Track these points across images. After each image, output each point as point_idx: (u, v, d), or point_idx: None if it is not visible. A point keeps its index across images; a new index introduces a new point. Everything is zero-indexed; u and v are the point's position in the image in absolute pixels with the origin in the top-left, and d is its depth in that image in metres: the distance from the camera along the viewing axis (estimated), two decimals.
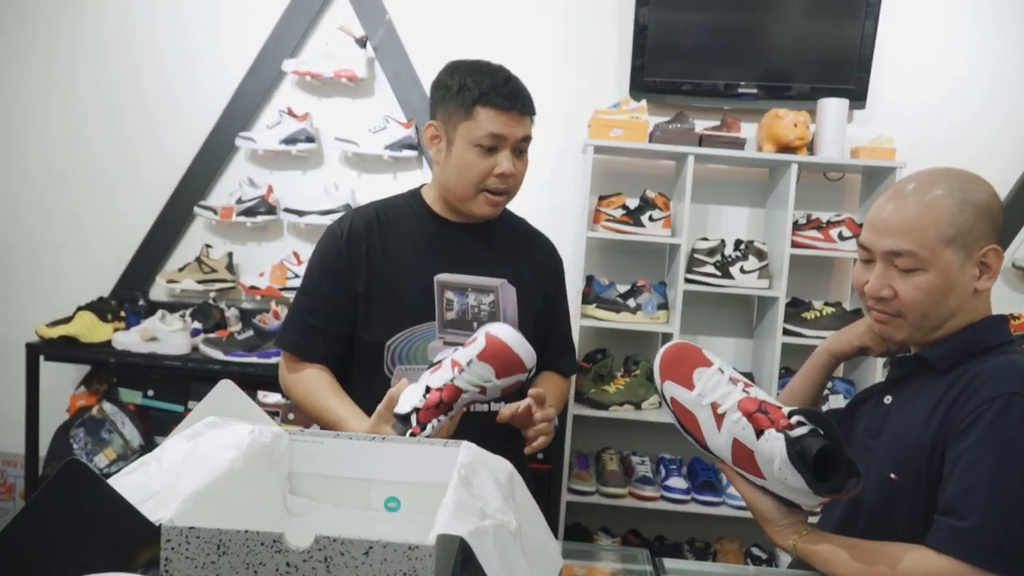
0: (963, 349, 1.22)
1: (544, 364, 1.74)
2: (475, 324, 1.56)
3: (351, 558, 0.78)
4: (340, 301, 1.60)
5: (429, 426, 1.29)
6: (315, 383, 1.59)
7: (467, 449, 1.05)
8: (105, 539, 0.81)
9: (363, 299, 1.60)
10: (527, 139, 1.59)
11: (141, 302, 3.05)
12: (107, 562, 0.79)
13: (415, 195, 1.67)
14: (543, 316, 1.71)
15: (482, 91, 1.52)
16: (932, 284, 1.20)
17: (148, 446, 2.79)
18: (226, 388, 1.18)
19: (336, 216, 2.98)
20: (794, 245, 2.85)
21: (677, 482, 2.84)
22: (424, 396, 1.30)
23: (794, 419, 1.12)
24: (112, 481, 0.98)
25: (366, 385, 1.60)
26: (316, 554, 0.78)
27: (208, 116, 3.16)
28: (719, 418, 1.19)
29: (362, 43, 3.04)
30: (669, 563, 1.16)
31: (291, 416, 2.78)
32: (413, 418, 1.29)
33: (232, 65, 3.14)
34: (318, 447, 1.12)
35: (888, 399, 1.31)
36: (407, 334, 1.58)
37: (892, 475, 1.21)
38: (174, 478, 0.97)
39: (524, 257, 1.70)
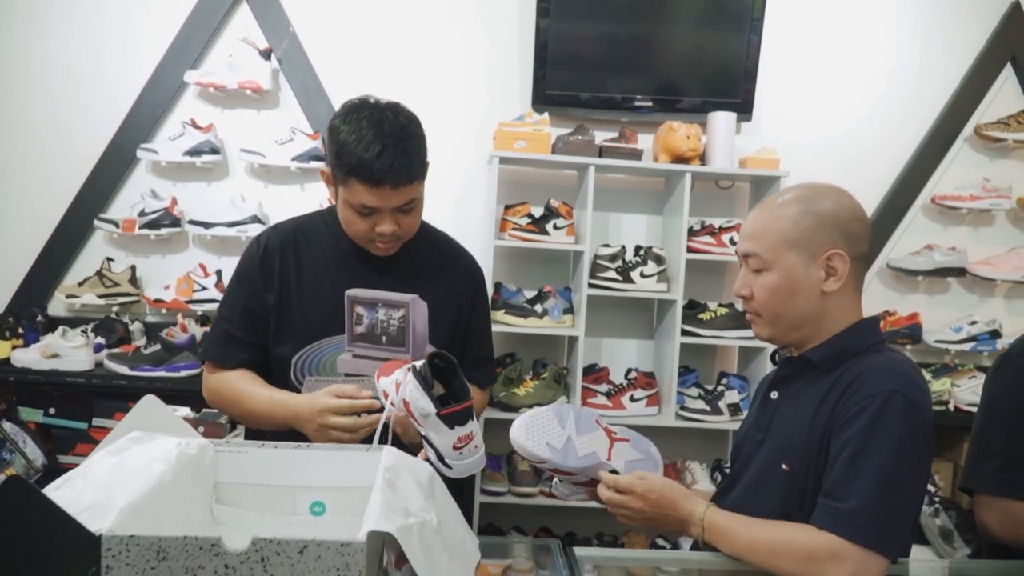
0: (843, 350, 1.35)
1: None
2: (384, 338, 1.62)
3: (287, 557, 0.83)
4: (257, 312, 1.65)
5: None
6: (238, 378, 1.64)
7: (389, 453, 1.11)
8: (45, 551, 0.84)
9: (274, 312, 1.64)
10: (410, 202, 1.57)
11: (39, 318, 2.96)
12: (47, 573, 0.82)
13: (332, 212, 1.71)
14: (458, 329, 1.75)
15: (352, 165, 1.51)
16: (775, 283, 1.35)
17: (51, 465, 2.72)
18: (150, 403, 1.20)
19: (243, 227, 3.01)
20: (689, 250, 3.01)
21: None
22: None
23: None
24: None
25: None
26: (253, 555, 0.83)
27: (107, 127, 3.09)
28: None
29: (266, 55, 3.04)
30: (579, 551, 1.24)
31: (200, 429, 2.75)
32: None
33: (132, 75, 3.09)
34: (243, 456, 1.16)
35: (775, 395, 1.44)
36: (316, 346, 1.63)
37: (784, 466, 1.33)
38: (104, 492, 0.99)
39: (440, 273, 1.73)
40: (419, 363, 1.32)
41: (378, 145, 1.49)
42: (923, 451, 1.25)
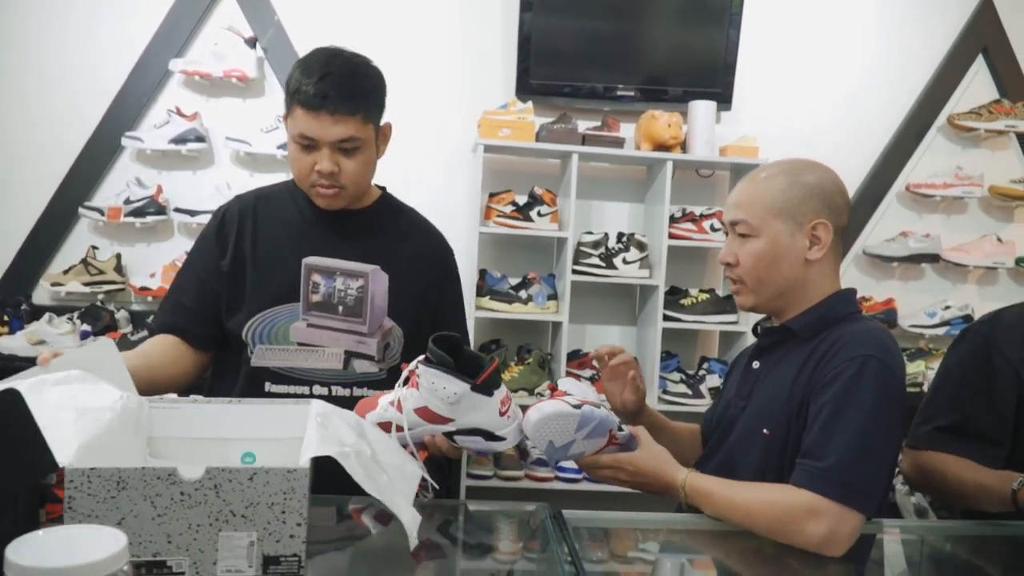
0: (822, 319, 1.41)
1: None
2: (340, 308, 1.57)
3: (238, 483, 0.89)
4: (210, 282, 1.60)
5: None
6: (147, 345, 1.58)
7: (319, 404, 1.15)
8: (15, 465, 0.88)
9: (228, 280, 1.59)
10: (351, 139, 1.50)
11: (24, 306, 2.96)
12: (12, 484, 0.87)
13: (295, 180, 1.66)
14: (425, 305, 1.68)
15: (295, 88, 1.48)
16: (762, 249, 1.40)
17: None
18: (105, 347, 1.21)
19: None
20: (671, 237, 3.07)
21: (569, 462, 2.99)
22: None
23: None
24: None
25: (235, 368, 1.61)
26: (207, 482, 0.89)
27: (92, 116, 3.10)
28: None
29: (252, 43, 3.06)
30: (568, 514, 1.28)
31: None
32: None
33: (117, 64, 3.10)
34: (176, 412, 1.19)
35: (756, 364, 1.49)
36: (270, 314, 1.57)
37: (765, 430, 1.38)
38: (56, 426, 0.97)
39: (405, 246, 1.67)
40: (421, 357, 1.23)
41: (322, 72, 1.47)
42: (896, 413, 1.30)
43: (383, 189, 1.72)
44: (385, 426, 1.27)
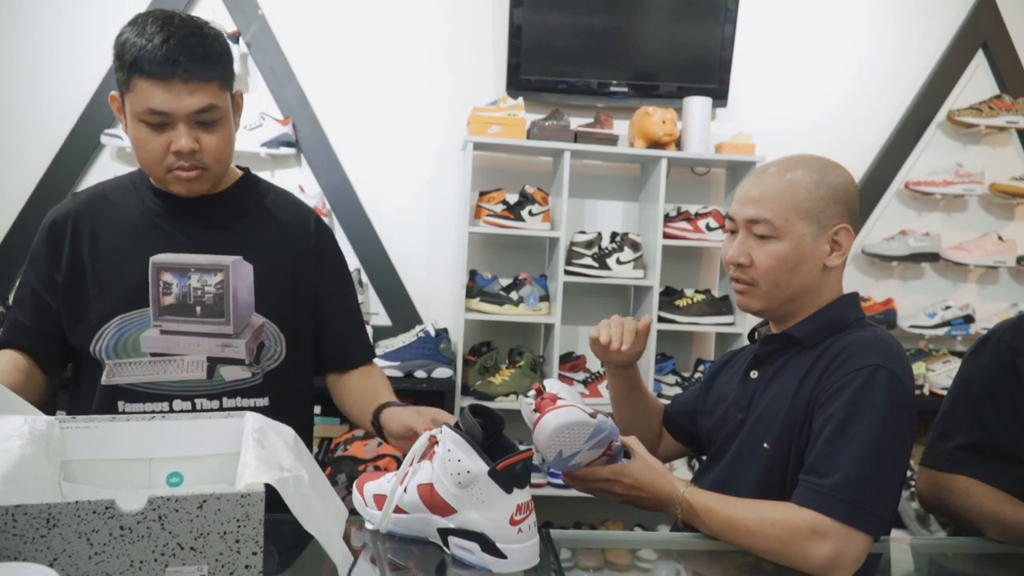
0: (826, 326, 1.32)
1: (354, 358, 1.59)
2: (198, 309, 1.41)
3: (186, 513, 0.81)
4: (43, 295, 1.43)
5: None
6: None
7: (254, 418, 1.06)
8: None
9: (65, 293, 1.42)
10: (209, 109, 1.32)
11: (1, 309, 2.88)
12: None
13: (141, 171, 1.46)
14: (299, 296, 1.51)
15: (134, 58, 1.27)
16: (784, 253, 1.30)
17: None
18: None
19: None
20: (666, 236, 3.00)
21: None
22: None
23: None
24: None
25: (89, 390, 1.43)
26: (150, 514, 0.80)
27: (69, 112, 3.01)
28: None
29: (234, 38, 2.98)
30: (556, 533, 1.21)
31: None
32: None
33: (95, 58, 3.01)
34: (92, 431, 1.08)
35: (755, 374, 1.40)
36: (117, 323, 1.40)
37: (765, 444, 1.30)
38: None
39: (269, 231, 1.50)
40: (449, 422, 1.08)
41: (164, 34, 1.28)
42: (906, 426, 1.23)
43: (245, 170, 1.56)
44: (380, 500, 1.15)
